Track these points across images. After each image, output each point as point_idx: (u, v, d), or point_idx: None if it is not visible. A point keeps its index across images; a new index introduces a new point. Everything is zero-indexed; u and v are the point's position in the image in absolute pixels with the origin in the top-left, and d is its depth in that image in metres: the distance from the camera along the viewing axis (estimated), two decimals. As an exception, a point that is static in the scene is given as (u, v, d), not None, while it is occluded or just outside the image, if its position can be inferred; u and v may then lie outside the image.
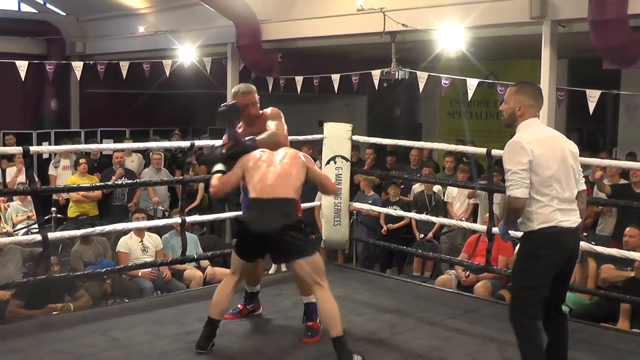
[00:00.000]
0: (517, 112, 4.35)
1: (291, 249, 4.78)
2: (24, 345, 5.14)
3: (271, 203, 4.87)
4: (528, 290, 4.25)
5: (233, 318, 5.68)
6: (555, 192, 4.20)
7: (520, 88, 4.47)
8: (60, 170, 11.61)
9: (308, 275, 4.82)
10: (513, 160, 4.17)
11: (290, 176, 4.97)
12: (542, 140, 4.23)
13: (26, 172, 6.19)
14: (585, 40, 8.60)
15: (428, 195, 10.10)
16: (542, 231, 4.20)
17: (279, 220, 4.76)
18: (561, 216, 4.21)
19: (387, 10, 9.84)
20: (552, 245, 4.22)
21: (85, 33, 15.75)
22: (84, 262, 8.24)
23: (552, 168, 4.18)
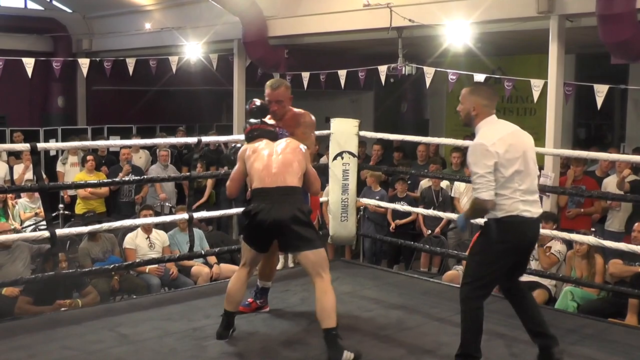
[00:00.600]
0: (472, 112, 4.53)
1: (299, 240, 4.80)
2: (33, 341, 5.15)
3: (277, 192, 4.85)
4: (483, 272, 4.51)
5: (242, 310, 5.61)
6: (517, 185, 4.42)
7: (474, 89, 4.65)
8: (68, 167, 11.65)
9: (311, 266, 4.82)
10: (479, 163, 4.37)
11: (293, 164, 4.94)
12: (504, 139, 4.42)
13: (34, 169, 6.19)
14: (593, 35, 8.57)
15: (435, 191, 10.09)
16: (505, 220, 4.43)
17: (288, 209, 4.77)
18: (523, 206, 4.43)
19: (393, 6, 9.82)
20: (513, 233, 4.47)
21: (92, 30, 15.78)
22: (92, 258, 8.27)
23: (515, 164, 4.41)
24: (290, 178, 4.89)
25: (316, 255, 4.81)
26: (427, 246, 8.82)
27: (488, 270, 4.51)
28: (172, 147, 12.23)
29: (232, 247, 8.42)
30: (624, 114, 13.72)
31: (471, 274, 4.59)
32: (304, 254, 4.82)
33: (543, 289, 7.76)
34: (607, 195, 7.98)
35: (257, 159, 5.01)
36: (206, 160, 11.77)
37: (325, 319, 4.70)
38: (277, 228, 4.80)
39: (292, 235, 4.79)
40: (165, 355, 4.93)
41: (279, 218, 4.76)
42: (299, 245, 4.83)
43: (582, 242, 7.00)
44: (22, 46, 15.13)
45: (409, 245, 8.44)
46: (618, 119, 14.22)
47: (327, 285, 4.78)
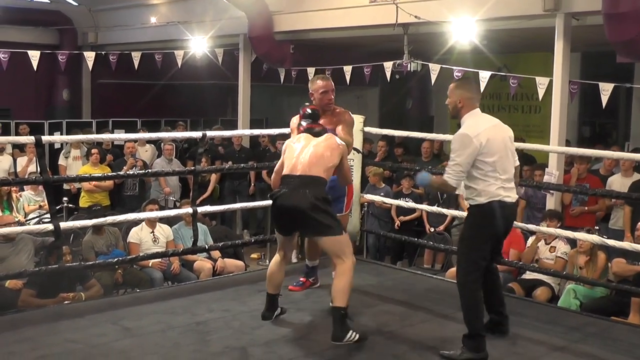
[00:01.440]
0: (458, 105, 4.99)
1: (317, 226, 5.01)
2: (36, 334, 5.17)
3: (300, 179, 5.07)
4: (476, 255, 4.92)
5: (297, 289, 6.19)
6: (498, 174, 4.84)
7: (460, 84, 5.17)
8: (71, 161, 11.66)
9: (331, 251, 5.06)
10: (460, 152, 4.81)
11: (323, 157, 5.17)
12: (487, 131, 4.86)
13: (38, 162, 6.20)
14: (598, 34, 8.55)
15: (440, 188, 10.07)
16: (489, 205, 4.85)
17: (307, 196, 4.97)
18: (504, 192, 4.87)
19: (399, 2, 9.80)
20: (497, 217, 4.88)
21: (98, 23, 15.76)
22: (96, 252, 8.29)
23: (496, 154, 4.83)
24: (316, 169, 5.10)
25: (334, 241, 5.01)
26: (431, 242, 8.82)
27: (478, 252, 4.92)
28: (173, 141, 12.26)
29: (236, 241, 8.42)
30: (629, 113, 13.70)
31: (464, 259, 5.00)
32: (323, 240, 5.06)
33: (546, 287, 7.76)
34: (611, 193, 7.96)
35: (291, 150, 5.30)
36: (211, 155, 11.78)
37: (335, 298, 4.93)
38: (295, 213, 5.01)
39: (309, 221, 5.00)
40: (169, 349, 4.94)
41: (297, 204, 4.98)
42: (317, 231, 5.07)
43: (585, 240, 7.00)
44: (28, 39, 15.12)
45: (413, 241, 8.44)
46: (623, 118, 14.19)
47: (344, 268, 4.98)
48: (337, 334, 4.88)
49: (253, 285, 6.47)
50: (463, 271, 4.96)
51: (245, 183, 12.46)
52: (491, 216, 4.87)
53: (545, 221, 7.99)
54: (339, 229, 5.07)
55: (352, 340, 4.87)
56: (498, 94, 14.81)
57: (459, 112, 5.00)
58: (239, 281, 6.84)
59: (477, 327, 4.86)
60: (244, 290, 6.37)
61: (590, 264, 7.51)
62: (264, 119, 16.94)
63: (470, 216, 5.02)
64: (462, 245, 5.10)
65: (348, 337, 4.87)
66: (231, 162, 11.54)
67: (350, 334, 4.87)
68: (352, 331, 4.89)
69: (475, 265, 4.92)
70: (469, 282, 4.90)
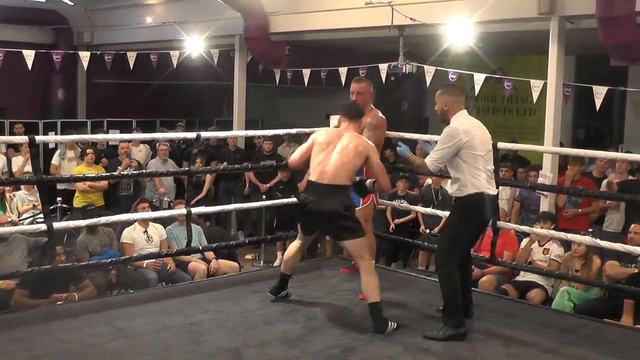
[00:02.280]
0: (445, 108, 5.41)
1: (343, 231, 5.48)
2: (29, 334, 5.16)
3: (328, 188, 5.45)
4: (457, 243, 5.37)
5: (348, 272, 6.73)
6: (482, 167, 5.26)
7: (444, 90, 5.52)
8: (66, 163, 11.61)
9: (354, 251, 5.54)
10: (447, 142, 5.25)
11: (348, 164, 5.48)
12: (472, 127, 5.33)
13: (32, 162, 6.19)
14: (593, 37, 8.58)
15: (435, 190, 10.11)
16: (475, 196, 5.25)
17: (334, 206, 5.40)
18: (487, 184, 5.29)
19: (395, 4, 9.81)
20: (481, 208, 5.30)
21: (93, 23, 15.74)
22: (90, 252, 8.26)
23: (479, 148, 5.26)
24: (340, 178, 5.47)
25: (358, 243, 5.46)
26: (426, 244, 8.83)
27: (461, 241, 5.39)
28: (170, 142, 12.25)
29: (231, 242, 8.42)
30: (622, 116, 13.73)
31: (447, 245, 5.42)
32: (347, 242, 5.53)
33: (540, 289, 7.78)
34: (604, 194, 7.99)
35: (319, 151, 5.60)
36: (206, 155, 11.77)
37: (369, 296, 5.36)
38: (323, 219, 5.50)
39: (334, 226, 5.52)
40: (162, 350, 4.94)
41: (325, 212, 5.43)
42: (340, 235, 5.57)
43: (578, 242, 7.02)
44: (23, 38, 15.08)
45: (408, 242, 8.44)
46: (617, 121, 14.22)
47: (368, 266, 5.44)
48: (380, 326, 5.29)
49: (247, 286, 6.48)
50: (444, 256, 5.37)
51: (240, 184, 12.45)
52: (477, 207, 5.30)
53: (539, 223, 8.01)
54: (361, 232, 5.48)
55: (393, 329, 5.31)
56: (493, 96, 14.84)
57: (447, 115, 5.41)
58: (233, 282, 6.84)
59: (455, 304, 5.28)
60: (238, 291, 6.37)
61: (585, 268, 7.53)
62: (260, 119, 16.95)
63: (457, 207, 5.46)
64: (447, 232, 5.53)
65: (390, 327, 5.31)
66: (226, 162, 11.54)
67: (390, 324, 5.32)
68: (390, 321, 5.33)
69: (455, 252, 5.36)
70: (447, 267, 5.32)
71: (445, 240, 5.50)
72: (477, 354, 5.04)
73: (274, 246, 11.14)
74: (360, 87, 6.30)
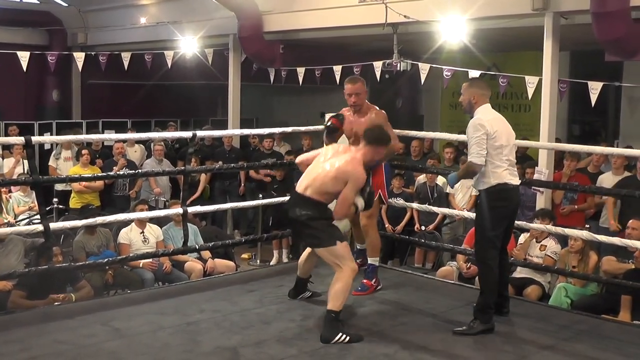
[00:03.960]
0: (472, 100, 5.48)
1: (310, 239, 5.43)
2: (26, 335, 5.15)
3: (298, 197, 5.38)
4: (491, 234, 5.40)
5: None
6: (504, 157, 5.35)
7: (472, 83, 5.74)
8: (62, 162, 11.60)
9: (325, 259, 5.37)
10: (475, 134, 5.30)
11: (324, 184, 5.30)
12: (495, 119, 5.43)
13: (28, 163, 6.17)
14: (587, 33, 8.58)
15: (430, 187, 10.10)
16: (498, 187, 5.35)
17: (296, 213, 5.32)
18: (510, 175, 5.39)
19: (389, 2, 9.81)
20: (505, 199, 5.40)
21: (87, 24, 15.71)
22: (87, 252, 8.25)
23: (502, 140, 5.35)
24: (313, 192, 5.30)
25: (330, 251, 5.26)
26: (422, 241, 8.83)
27: (493, 233, 5.41)
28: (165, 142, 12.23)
29: (227, 241, 8.41)
30: (618, 111, 13.74)
31: (481, 239, 5.49)
32: (318, 251, 5.40)
33: (537, 285, 7.78)
34: (601, 189, 7.99)
35: (315, 161, 5.54)
36: (201, 155, 11.76)
37: (329, 301, 5.17)
38: (291, 223, 5.50)
39: (301, 235, 5.53)
40: (159, 350, 4.93)
41: (291, 216, 5.38)
42: (309, 244, 5.57)
43: (576, 237, 7.03)
44: (17, 39, 15.03)
45: (404, 239, 8.44)
46: (612, 116, 14.23)
47: (341, 275, 5.22)
48: (325, 335, 5.09)
49: (244, 286, 6.47)
50: (482, 250, 5.49)
51: (236, 183, 12.44)
52: (502, 197, 5.38)
53: (538, 220, 8.00)
54: (329, 241, 5.25)
55: (341, 341, 5.04)
56: (488, 93, 14.84)
57: (473, 108, 5.48)
58: (229, 281, 6.83)
59: (490, 301, 5.38)
60: (235, 290, 6.37)
61: (581, 264, 7.53)
62: (254, 118, 16.94)
63: (482, 201, 5.50)
64: (479, 227, 5.55)
65: (337, 338, 5.05)
66: (221, 162, 11.53)
67: (339, 336, 5.06)
68: (342, 333, 5.07)
69: (492, 243, 5.43)
70: (487, 259, 5.42)
71: (478, 235, 5.56)
72: (475, 350, 5.04)
73: (270, 245, 11.14)
74: (356, 88, 6.19)
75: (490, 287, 5.42)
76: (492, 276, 5.43)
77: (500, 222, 5.45)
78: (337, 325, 5.13)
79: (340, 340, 5.04)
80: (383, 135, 5.57)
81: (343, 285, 5.17)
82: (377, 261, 6.37)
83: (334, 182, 5.25)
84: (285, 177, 11.35)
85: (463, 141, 6.36)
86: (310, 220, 5.29)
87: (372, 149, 5.42)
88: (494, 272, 5.42)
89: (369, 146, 5.41)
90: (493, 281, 5.43)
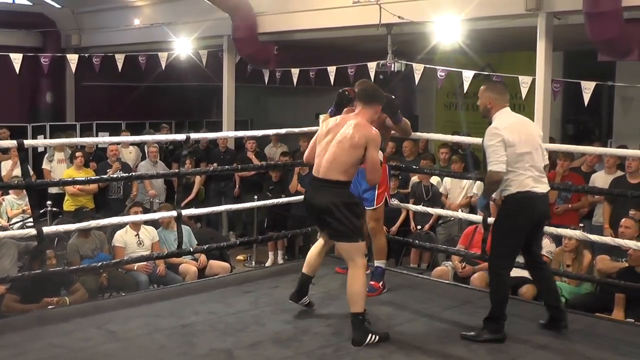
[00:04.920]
0: (488, 106, 5.31)
1: (335, 230, 5.18)
2: (20, 339, 5.13)
3: (321, 183, 5.19)
4: (505, 245, 5.23)
5: (343, 272, 6.18)
6: (527, 165, 5.11)
7: (488, 86, 5.45)
8: (55, 164, 11.57)
9: (343, 253, 5.32)
10: (490, 142, 5.10)
11: (342, 157, 5.13)
12: (513, 125, 5.17)
13: (21, 166, 6.16)
14: (580, 33, 8.59)
15: (425, 187, 10.12)
16: (518, 195, 5.12)
17: (324, 202, 5.13)
18: (533, 183, 5.13)
19: (383, 3, 9.81)
20: (526, 207, 5.16)
21: (81, 25, 15.67)
22: (81, 255, 8.25)
23: (522, 147, 5.10)
24: (333, 173, 5.13)
25: (351, 246, 5.15)
26: (417, 242, 8.83)
27: (508, 243, 5.22)
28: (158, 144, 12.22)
29: (222, 244, 8.41)
30: (611, 111, 13.76)
31: (495, 248, 5.31)
32: (339, 244, 5.32)
33: (532, 285, 7.77)
34: (594, 189, 8.02)
35: (320, 142, 5.33)
36: (195, 157, 11.75)
37: (352, 304, 5.09)
38: (314, 213, 5.27)
39: (329, 225, 5.21)
40: (155, 352, 4.93)
41: (315, 205, 5.21)
42: (333, 235, 5.29)
43: (569, 236, 7.04)
44: (10, 41, 14.98)
45: (399, 240, 8.45)
46: (605, 116, 14.26)
47: (356, 272, 5.12)
48: (357, 338, 5.03)
49: (239, 287, 6.47)
50: (494, 258, 5.31)
51: (231, 184, 12.43)
52: (522, 206, 5.15)
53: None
54: (355, 236, 5.15)
55: (372, 342, 5.03)
56: (482, 93, 14.84)
57: (489, 112, 5.31)
58: (224, 283, 6.82)
59: (499, 311, 5.21)
60: (230, 292, 6.36)
61: (575, 262, 7.55)
62: (249, 120, 16.93)
63: (502, 207, 5.31)
64: (494, 235, 5.37)
65: (368, 339, 5.03)
66: (216, 163, 11.52)
67: (370, 337, 5.04)
68: (372, 334, 5.05)
69: (505, 254, 5.25)
70: (498, 268, 5.25)
71: (493, 244, 5.36)
72: (470, 351, 5.05)
73: (265, 246, 11.13)
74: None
75: (497, 297, 5.24)
76: (501, 287, 5.27)
77: (517, 232, 5.20)
78: (365, 326, 5.09)
79: (371, 341, 5.02)
80: (376, 92, 5.46)
81: (361, 285, 5.12)
82: (384, 263, 6.35)
83: (353, 152, 5.11)
84: (280, 178, 11.34)
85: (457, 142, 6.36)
86: (339, 209, 5.09)
87: (369, 108, 5.32)
88: (503, 283, 5.26)
89: (366, 106, 5.32)
90: (502, 292, 5.26)
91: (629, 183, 8.54)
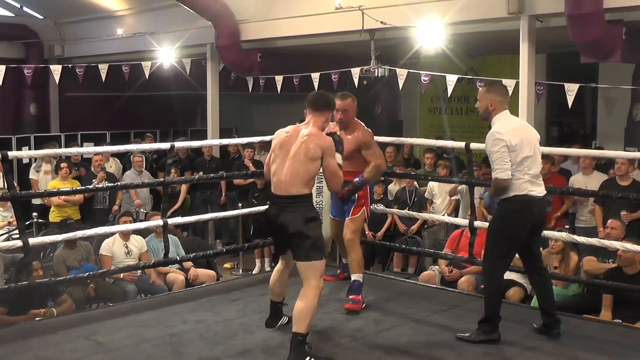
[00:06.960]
0: (489, 108, 5.25)
1: (298, 248, 4.96)
2: (7, 351, 5.10)
3: (284, 200, 4.99)
4: (500, 247, 5.24)
5: (332, 280, 6.59)
6: (526, 169, 5.10)
7: (490, 88, 5.42)
8: (42, 175, 11.53)
9: (302, 273, 4.97)
10: (494, 148, 5.07)
11: (301, 171, 4.96)
12: (515, 129, 5.16)
13: (5, 178, 6.13)
14: (563, 35, 8.65)
15: (409, 191, 10.13)
16: (515, 198, 5.12)
17: (293, 221, 4.93)
18: (531, 187, 5.13)
19: (365, 8, 9.84)
20: (523, 210, 5.17)
21: (64, 36, 15.65)
22: (67, 266, 8.21)
23: (524, 151, 5.10)
24: (296, 187, 4.96)
25: (310, 266, 4.91)
26: (404, 246, 8.85)
27: (504, 245, 5.24)
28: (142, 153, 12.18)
29: (208, 252, 8.38)
30: (594, 112, 13.84)
31: (490, 249, 5.29)
32: (298, 264, 4.99)
33: (519, 287, 7.80)
34: (578, 190, 8.06)
35: (275, 157, 5.12)
36: (180, 166, 11.73)
37: (295, 322, 4.84)
38: (281, 232, 5.03)
39: (289, 243, 5.01)
40: (142, 362, 4.91)
41: (282, 224, 4.98)
42: (296, 254, 4.99)
43: (556, 238, 7.07)
44: (-7, 53, 14.99)
45: (385, 245, 8.45)
46: (589, 117, 14.35)
47: (309, 292, 4.87)
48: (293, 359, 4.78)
49: (226, 295, 6.46)
50: (489, 260, 5.30)
51: (217, 193, 12.42)
52: (519, 209, 5.16)
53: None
54: (317, 255, 4.93)
55: None
56: (466, 96, 14.88)
57: (490, 115, 5.26)
58: (212, 291, 6.81)
59: (493, 312, 5.24)
60: (217, 300, 6.35)
61: (562, 264, 7.57)
62: (234, 128, 16.93)
63: (499, 210, 5.33)
64: (490, 237, 5.36)
65: None
66: (202, 172, 11.50)
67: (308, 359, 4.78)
68: (310, 357, 4.78)
69: (499, 256, 5.27)
70: (492, 269, 5.28)
71: (488, 244, 5.33)
72: (458, 354, 5.05)
73: (252, 254, 11.12)
74: (345, 104, 5.94)
75: (492, 299, 5.26)
76: (493, 287, 5.30)
77: (513, 235, 5.21)
78: (304, 349, 4.80)
79: None
80: (327, 98, 5.24)
81: (309, 305, 4.81)
82: (361, 277, 6.09)
83: (310, 164, 4.96)
84: (266, 185, 11.33)
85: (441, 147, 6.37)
86: (308, 225, 4.91)
87: (320, 115, 5.13)
88: (496, 282, 5.30)
89: (316, 113, 5.13)
90: (494, 292, 5.29)
91: (619, 185, 8.57)
